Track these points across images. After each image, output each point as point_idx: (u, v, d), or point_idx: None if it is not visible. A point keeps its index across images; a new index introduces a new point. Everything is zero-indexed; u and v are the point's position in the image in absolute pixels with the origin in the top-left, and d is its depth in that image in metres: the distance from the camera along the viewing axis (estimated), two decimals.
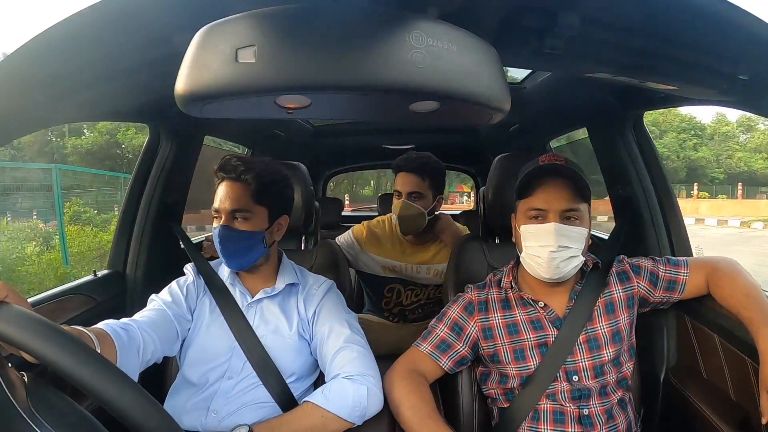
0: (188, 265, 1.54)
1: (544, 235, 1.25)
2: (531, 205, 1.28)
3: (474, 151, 3.70)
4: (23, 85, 0.91)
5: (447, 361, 1.38)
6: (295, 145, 3.08)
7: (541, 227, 1.26)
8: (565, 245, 1.24)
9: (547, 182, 1.27)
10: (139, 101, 1.32)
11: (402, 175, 2.04)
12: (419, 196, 2.02)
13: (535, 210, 1.27)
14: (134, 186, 1.85)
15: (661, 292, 1.37)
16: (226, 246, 1.35)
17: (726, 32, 0.79)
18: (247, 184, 1.36)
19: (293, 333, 1.40)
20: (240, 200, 1.35)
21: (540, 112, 2.15)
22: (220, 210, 1.35)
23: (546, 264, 1.26)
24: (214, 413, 1.28)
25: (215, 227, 1.36)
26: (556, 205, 1.25)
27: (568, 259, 1.26)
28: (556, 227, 1.24)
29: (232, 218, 1.35)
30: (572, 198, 1.25)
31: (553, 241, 1.24)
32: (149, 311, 1.33)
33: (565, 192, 1.26)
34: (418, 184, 2.02)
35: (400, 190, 2.03)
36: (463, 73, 0.59)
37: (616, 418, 1.31)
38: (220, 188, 1.37)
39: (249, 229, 1.36)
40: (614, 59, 0.88)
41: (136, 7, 0.73)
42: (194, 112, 0.63)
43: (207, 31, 0.57)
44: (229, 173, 1.36)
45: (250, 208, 1.36)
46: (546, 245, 1.25)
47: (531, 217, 1.28)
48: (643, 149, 1.73)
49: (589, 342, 1.31)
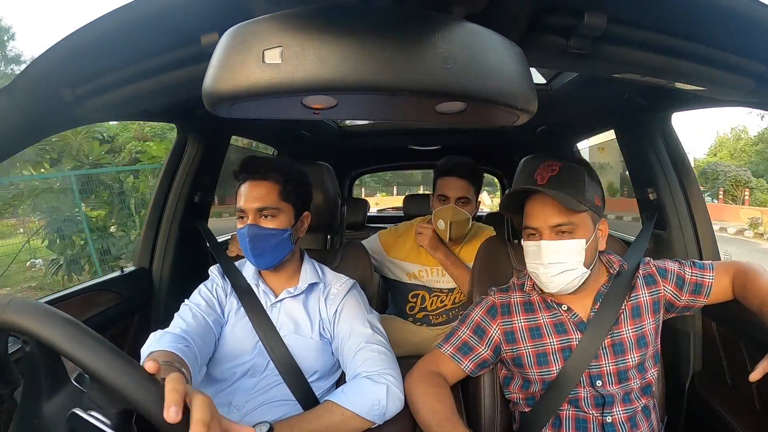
0: (213, 267, 1.56)
1: (536, 253, 1.27)
2: (526, 223, 1.30)
3: (500, 152, 3.67)
4: (53, 85, 0.94)
5: (468, 364, 1.37)
6: (320, 145, 3.10)
7: (533, 245, 1.27)
8: (556, 261, 1.24)
9: (533, 200, 1.28)
10: (166, 101, 1.34)
11: (451, 180, 2.01)
12: (467, 201, 2.02)
13: (530, 228, 1.28)
14: (162, 184, 1.89)
15: (687, 295, 1.34)
16: (256, 244, 1.36)
17: (755, 32, 0.77)
18: (274, 182, 1.38)
19: (315, 333, 1.41)
20: (267, 198, 1.36)
21: (567, 114, 2.12)
22: (247, 210, 1.36)
23: (544, 279, 1.27)
24: (236, 409, 1.29)
25: (241, 227, 1.37)
26: (546, 221, 1.25)
27: (562, 273, 1.25)
28: (543, 244, 1.25)
29: (259, 217, 1.36)
30: (560, 212, 1.24)
31: (544, 259, 1.25)
32: (192, 319, 1.34)
33: (550, 209, 1.25)
34: (467, 189, 2.01)
35: (448, 195, 2.00)
36: (489, 74, 0.58)
37: (639, 426, 1.28)
38: (244, 188, 1.38)
39: (277, 226, 1.38)
40: (642, 60, 0.86)
41: (164, 8, 0.74)
42: (221, 113, 0.63)
43: (234, 32, 0.58)
44: (253, 173, 1.38)
45: (278, 205, 1.38)
46: (539, 263, 1.26)
47: (528, 234, 1.29)
48: (671, 151, 1.69)
49: (614, 346, 1.29)
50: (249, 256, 1.39)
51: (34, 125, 1.00)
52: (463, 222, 2.01)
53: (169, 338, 1.17)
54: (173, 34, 0.82)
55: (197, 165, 1.91)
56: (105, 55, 0.88)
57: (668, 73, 0.91)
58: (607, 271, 1.36)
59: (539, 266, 1.26)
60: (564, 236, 1.24)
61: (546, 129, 2.51)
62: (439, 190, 2.04)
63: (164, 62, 0.89)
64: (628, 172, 1.90)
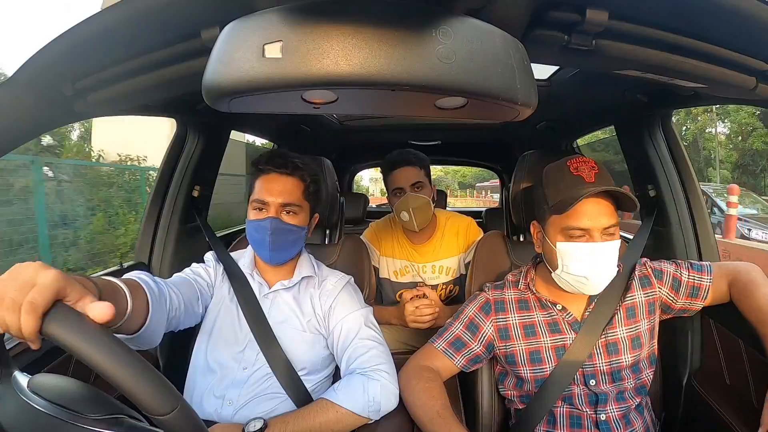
0: (208, 253, 1.56)
1: (587, 256, 1.20)
2: (572, 224, 1.21)
3: (500, 147, 3.66)
4: (53, 79, 0.93)
5: (461, 359, 1.38)
6: (320, 140, 3.09)
7: (586, 247, 1.20)
8: (608, 264, 1.20)
9: (590, 200, 1.20)
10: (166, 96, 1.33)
11: (401, 170, 2.05)
12: (422, 185, 2.06)
13: (578, 229, 1.21)
14: (161, 178, 1.89)
15: (683, 298, 1.34)
16: (276, 239, 1.36)
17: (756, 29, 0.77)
18: (301, 179, 1.39)
19: (307, 326, 1.41)
20: (293, 194, 1.37)
21: (567, 110, 2.12)
22: (270, 202, 1.35)
23: (591, 284, 1.22)
24: (229, 403, 1.30)
25: (260, 218, 1.36)
26: (599, 223, 1.19)
27: (608, 276, 1.22)
28: (599, 247, 1.19)
29: (281, 211, 1.36)
30: (611, 214, 1.21)
31: (599, 262, 1.20)
32: (175, 276, 1.37)
33: (606, 209, 1.20)
34: (418, 173, 2.06)
35: (402, 185, 2.05)
36: (490, 69, 0.58)
37: (633, 423, 1.29)
38: (268, 180, 1.38)
39: (297, 223, 1.39)
40: (643, 56, 0.86)
41: (165, 2, 0.74)
42: (221, 107, 0.63)
43: (234, 26, 0.58)
44: (281, 167, 1.37)
45: (301, 203, 1.39)
46: (592, 266, 1.20)
47: (572, 236, 1.22)
48: (671, 149, 1.69)
49: (608, 346, 1.29)
50: (263, 248, 1.39)
51: (35, 120, 1.00)
52: (425, 206, 2.04)
53: (143, 274, 1.14)
54: (174, 28, 0.81)
55: (197, 159, 1.91)
56: (106, 50, 0.87)
57: (669, 70, 0.91)
58: None
59: (591, 269, 1.20)
60: (611, 237, 1.21)
61: (546, 125, 2.51)
62: (393, 185, 2.08)
63: (165, 57, 0.88)
64: (627, 168, 1.89)
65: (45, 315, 0.62)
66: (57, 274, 0.66)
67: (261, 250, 1.41)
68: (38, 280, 0.64)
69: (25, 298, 0.62)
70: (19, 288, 0.63)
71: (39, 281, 0.64)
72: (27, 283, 0.64)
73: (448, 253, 2.19)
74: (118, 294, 0.90)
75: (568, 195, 1.21)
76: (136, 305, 0.95)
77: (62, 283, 0.65)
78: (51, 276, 0.65)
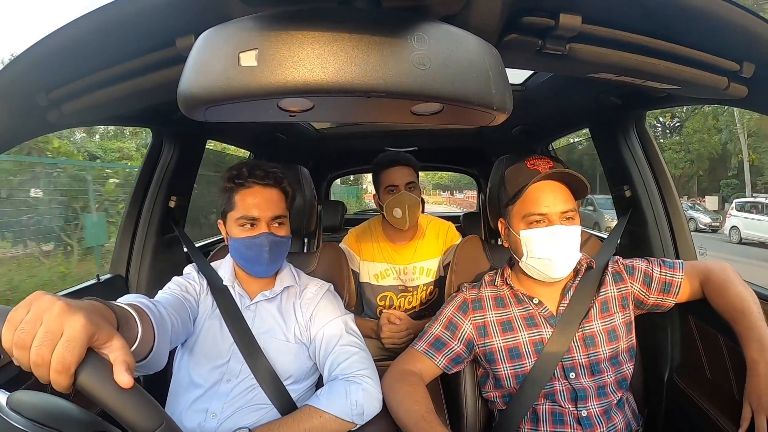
0: (189, 266, 1.54)
1: (547, 239, 1.27)
2: (530, 210, 1.29)
3: (476, 152, 3.69)
4: (27, 89, 0.92)
5: (442, 359, 1.39)
6: (297, 148, 3.08)
7: (546, 231, 1.27)
8: (569, 246, 1.28)
9: (541, 186, 1.29)
10: (141, 105, 1.32)
11: (397, 169, 2.08)
12: (414, 186, 2.10)
13: (538, 215, 1.28)
14: (137, 189, 1.86)
15: (655, 293, 1.38)
16: (274, 253, 1.36)
17: (727, 31, 0.79)
18: (284, 190, 1.39)
19: (290, 336, 1.40)
20: (279, 206, 1.37)
21: (542, 113, 2.15)
22: (261, 218, 1.34)
23: (555, 266, 1.28)
24: (212, 416, 1.27)
25: (253, 235, 1.34)
26: (556, 207, 1.27)
27: (571, 259, 1.29)
28: (558, 229, 1.26)
29: (272, 225, 1.36)
30: (568, 199, 1.28)
31: (561, 244, 1.27)
32: (164, 294, 1.33)
33: (562, 194, 1.28)
34: (412, 174, 2.11)
35: (397, 183, 2.07)
36: (464, 75, 0.59)
37: (613, 418, 1.32)
38: (252, 194, 1.35)
39: (285, 234, 1.39)
40: (616, 59, 0.87)
41: (139, 11, 0.73)
42: (197, 116, 0.63)
43: (209, 34, 0.57)
44: (264, 179, 1.36)
45: (286, 213, 1.39)
46: (554, 248, 1.27)
47: (532, 222, 1.29)
48: (646, 149, 1.72)
49: (585, 339, 1.32)
50: (258, 264, 1.38)
51: (8, 131, 0.98)
52: (416, 206, 2.08)
53: (142, 299, 1.11)
54: (149, 37, 0.80)
55: (173, 169, 1.89)
56: (80, 59, 0.86)
57: (642, 72, 0.93)
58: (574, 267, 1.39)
59: (554, 250, 1.27)
60: (570, 222, 1.28)
61: (522, 129, 2.54)
62: (386, 182, 2.10)
63: (140, 65, 0.87)
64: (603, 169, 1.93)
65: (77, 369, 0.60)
66: (84, 321, 0.62)
67: (254, 266, 1.39)
68: (66, 331, 0.60)
69: (52, 352, 0.58)
70: (44, 338, 0.59)
71: (67, 333, 0.60)
72: (53, 334, 0.60)
73: (428, 254, 2.21)
74: (130, 321, 0.88)
75: (525, 184, 1.30)
76: (145, 331, 0.92)
77: (91, 330, 0.62)
78: (80, 325, 0.61)
